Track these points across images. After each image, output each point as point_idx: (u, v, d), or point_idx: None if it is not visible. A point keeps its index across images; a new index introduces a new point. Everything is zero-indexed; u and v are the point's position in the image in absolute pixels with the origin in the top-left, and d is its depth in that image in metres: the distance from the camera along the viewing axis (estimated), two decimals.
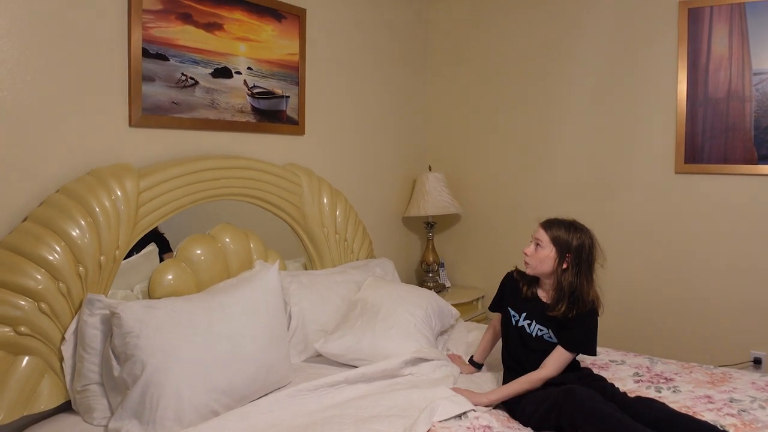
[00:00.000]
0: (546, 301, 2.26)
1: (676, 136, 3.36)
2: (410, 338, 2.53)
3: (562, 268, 2.19)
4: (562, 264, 2.19)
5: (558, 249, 2.19)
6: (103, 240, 2.18)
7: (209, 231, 2.58)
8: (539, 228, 2.25)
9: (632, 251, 3.52)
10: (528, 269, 2.27)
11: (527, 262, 2.25)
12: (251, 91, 2.91)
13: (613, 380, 2.32)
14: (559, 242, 2.19)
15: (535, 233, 2.26)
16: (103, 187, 2.20)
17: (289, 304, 2.64)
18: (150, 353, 1.96)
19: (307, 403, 2.13)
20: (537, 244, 2.22)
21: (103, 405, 2.05)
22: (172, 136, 2.60)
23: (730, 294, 3.26)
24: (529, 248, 2.25)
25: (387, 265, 3.23)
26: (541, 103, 3.78)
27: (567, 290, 2.17)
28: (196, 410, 1.99)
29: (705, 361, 3.19)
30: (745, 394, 2.22)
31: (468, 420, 1.99)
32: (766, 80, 3.14)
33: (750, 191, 3.19)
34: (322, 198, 3.08)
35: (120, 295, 2.35)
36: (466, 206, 4.07)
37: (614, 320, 3.54)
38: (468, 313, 3.76)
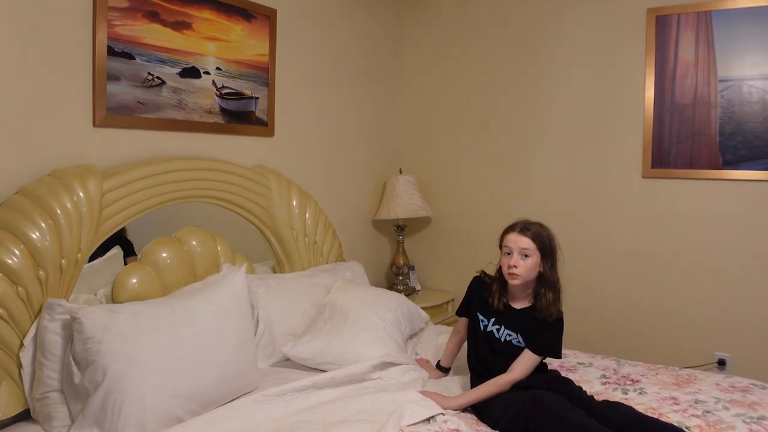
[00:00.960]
0: (518, 307, 2.25)
1: (643, 141, 3.40)
2: (379, 342, 2.52)
3: (548, 268, 2.20)
4: (546, 264, 2.20)
5: (541, 251, 2.19)
6: (65, 243, 2.12)
7: (175, 234, 2.53)
8: (519, 236, 2.18)
9: (600, 255, 3.56)
10: (517, 281, 2.18)
11: (516, 274, 2.16)
12: (220, 92, 2.87)
13: (581, 382, 2.33)
14: (542, 244, 2.19)
15: (515, 243, 2.17)
16: (64, 188, 2.15)
17: (256, 307, 2.61)
18: (112, 359, 1.91)
19: (274, 408, 2.10)
20: (524, 254, 2.18)
21: (64, 413, 1.99)
22: (138, 137, 2.55)
23: (694, 297, 3.31)
24: (515, 260, 2.17)
25: (357, 269, 3.21)
26: (513, 107, 3.80)
27: (554, 287, 2.19)
28: (160, 417, 1.94)
29: (671, 362, 3.22)
30: (709, 395, 2.25)
31: (436, 423, 1.98)
32: (731, 87, 3.20)
33: (715, 196, 3.24)
34: (291, 200, 3.05)
35: (82, 299, 2.29)
36: (436, 209, 4.07)
37: (582, 323, 3.57)
38: (438, 316, 3.76)
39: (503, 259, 2.22)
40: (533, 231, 2.20)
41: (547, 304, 2.19)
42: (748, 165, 3.17)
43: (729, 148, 3.21)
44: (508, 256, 2.20)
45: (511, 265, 2.17)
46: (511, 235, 2.21)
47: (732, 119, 3.19)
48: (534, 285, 2.23)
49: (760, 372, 3.02)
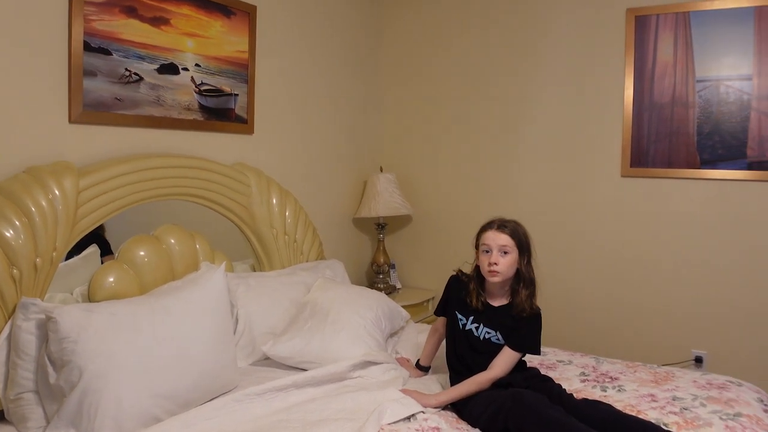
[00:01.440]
0: (496, 305, 2.26)
1: (622, 140, 3.43)
2: (360, 341, 2.51)
3: (525, 264, 2.21)
4: (523, 261, 2.21)
5: (519, 248, 2.20)
6: (39, 241, 2.09)
7: (153, 232, 2.50)
8: (498, 234, 2.19)
9: (579, 253, 3.58)
10: (497, 278, 2.19)
11: (497, 271, 2.17)
12: (199, 89, 2.84)
13: (560, 380, 2.34)
14: (520, 241, 2.21)
15: (494, 240, 2.18)
16: (39, 185, 2.11)
17: (236, 306, 2.59)
18: (88, 359, 1.88)
19: (254, 407, 2.08)
20: (504, 251, 2.19)
21: (39, 414, 1.95)
22: (115, 134, 2.52)
23: (672, 295, 3.34)
24: (495, 257, 2.17)
25: (337, 267, 3.20)
26: (493, 106, 3.81)
27: (530, 282, 2.21)
28: (138, 417, 1.92)
29: (649, 360, 3.26)
30: (687, 393, 2.27)
31: (417, 422, 1.98)
32: (708, 87, 3.23)
33: (692, 195, 3.28)
34: (271, 198, 3.03)
35: (58, 298, 2.26)
36: (417, 207, 4.07)
37: (561, 321, 3.59)
38: (419, 315, 3.76)
39: (482, 257, 2.22)
40: (511, 228, 2.21)
41: (524, 300, 2.20)
42: (726, 164, 3.20)
43: (706, 147, 3.24)
44: (486, 254, 2.20)
45: (492, 262, 2.17)
46: (490, 232, 2.22)
47: (709, 119, 3.23)
48: (511, 282, 2.24)
49: (736, 369, 3.07)
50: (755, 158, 3.14)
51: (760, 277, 3.14)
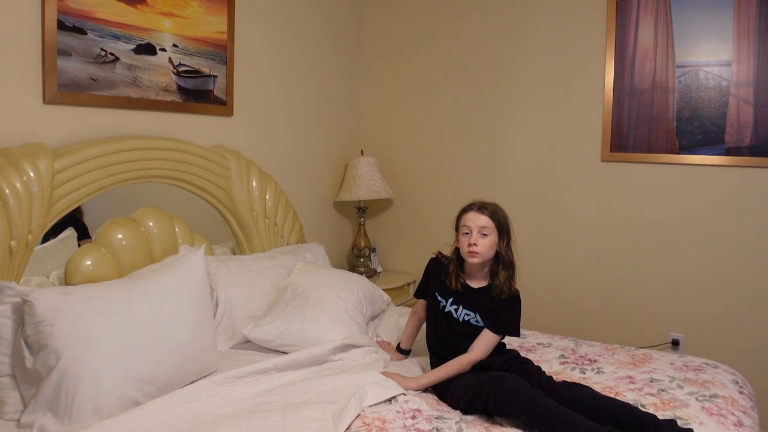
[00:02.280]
0: (476, 287, 2.27)
1: (602, 125, 3.44)
2: (341, 324, 2.50)
3: (504, 246, 2.22)
4: (502, 243, 2.22)
5: (498, 229, 2.21)
6: (14, 224, 2.05)
7: (131, 214, 2.47)
8: (478, 215, 2.20)
9: (559, 237, 3.60)
10: (476, 259, 2.20)
11: (476, 252, 2.18)
12: (177, 70, 2.79)
13: (540, 362, 2.37)
14: (499, 222, 2.22)
15: (474, 222, 2.19)
16: (13, 167, 2.07)
17: (215, 289, 2.57)
18: (65, 342, 1.85)
19: (234, 390, 2.07)
20: (483, 233, 2.20)
21: (15, 398, 1.93)
22: (91, 115, 2.47)
23: (650, 278, 3.38)
24: (474, 238, 2.18)
25: (318, 250, 3.19)
26: (476, 91, 3.80)
27: (509, 265, 2.22)
28: (117, 400, 1.90)
29: (627, 342, 3.30)
30: (664, 374, 2.31)
31: (398, 404, 1.99)
32: (688, 73, 3.25)
33: (671, 180, 3.31)
34: (251, 181, 3.00)
35: (34, 282, 2.22)
36: (398, 191, 4.06)
37: (541, 304, 3.62)
38: (399, 298, 3.77)
39: (462, 239, 2.23)
40: (491, 210, 2.22)
41: (502, 282, 2.21)
42: (704, 150, 3.23)
43: (685, 133, 3.27)
44: (466, 235, 2.21)
45: (471, 243, 2.19)
46: (470, 214, 2.23)
47: (689, 105, 3.25)
48: (491, 264, 2.25)
49: (712, 352, 3.12)
50: (733, 144, 3.17)
51: (736, 262, 3.18)
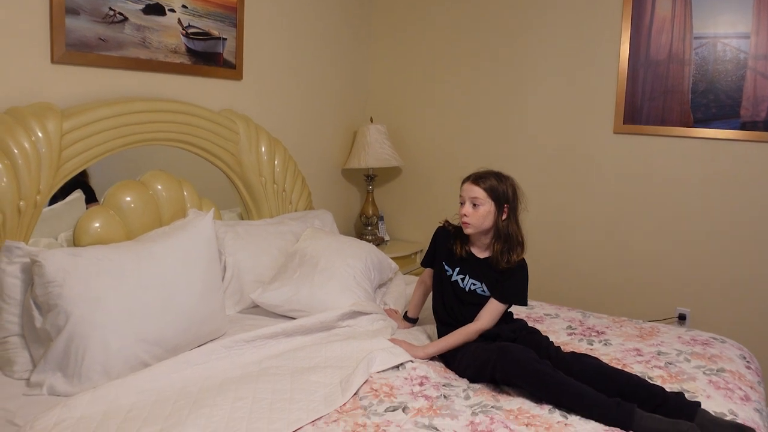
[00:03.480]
0: (481, 256, 2.26)
1: (616, 97, 3.39)
2: (349, 291, 2.50)
3: (502, 219, 2.19)
4: (501, 215, 2.19)
5: (495, 201, 2.18)
6: (23, 184, 2.04)
7: (140, 177, 2.45)
8: (471, 186, 2.19)
9: (568, 208, 3.58)
10: (469, 229, 2.20)
11: (468, 222, 2.18)
12: (186, 31, 2.75)
13: (547, 333, 2.36)
14: (496, 194, 2.18)
15: (467, 192, 2.19)
16: (22, 127, 2.05)
17: (224, 254, 2.56)
18: (74, 303, 1.86)
19: (243, 354, 2.08)
20: (474, 203, 2.18)
21: (25, 358, 1.94)
22: (99, 75, 2.44)
23: (659, 253, 3.36)
24: (465, 209, 2.19)
25: (326, 217, 3.17)
26: (487, 58, 3.74)
27: (511, 239, 2.19)
28: (125, 362, 1.91)
29: (633, 316, 3.29)
30: (671, 348, 2.30)
31: (405, 371, 1.99)
32: (705, 44, 3.19)
33: (684, 153, 3.27)
34: (260, 146, 2.98)
35: (43, 243, 2.22)
36: (407, 159, 4.03)
37: (549, 276, 3.61)
38: (406, 267, 3.77)
39: (459, 209, 2.23)
40: (486, 181, 2.19)
41: (498, 254, 2.20)
42: (718, 124, 3.19)
43: (700, 106, 3.22)
44: (461, 205, 2.21)
45: (462, 213, 2.19)
46: (466, 184, 2.22)
47: (705, 77, 3.20)
48: (492, 235, 2.24)
49: (718, 327, 3.11)
50: (749, 118, 3.12)
51: (746, 238, 3.16)
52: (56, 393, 1.83)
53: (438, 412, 1.76)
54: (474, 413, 1.76)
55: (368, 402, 1.80)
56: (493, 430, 1.67)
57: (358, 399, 1.81)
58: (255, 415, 1.70)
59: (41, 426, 1.61)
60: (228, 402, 1.76)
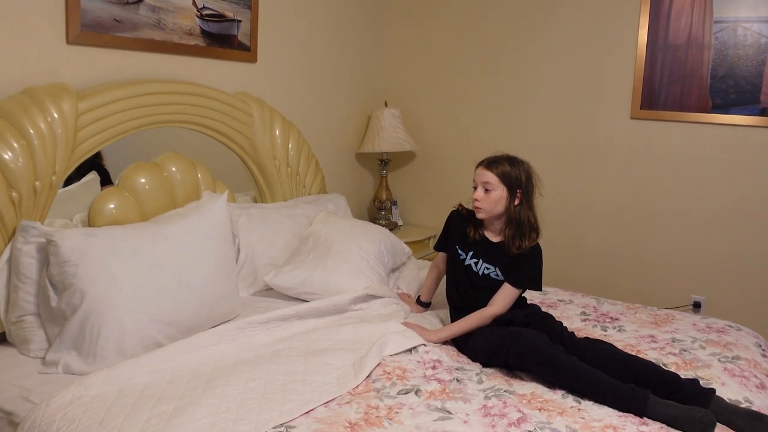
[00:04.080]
0: (495, 240, 2.24)
1: (633, 82, 3.35)
2: (362, 274, 2.50)
3: (515, 205, 2.18)
4: (514, 201, 2.18)
5: (508, 187, 2.17)
6: (39, 164, 2.05)
7: (154, 159, 2.46)
8: (483, 170, 2.18)
9: (585, 194, 3.55)
10: (481, 214, 2.19)
11: (479, 207, 2.18)
12: (200, 13, 2.74)
13: (561, 318, 2.35)
14: (509, 179, 2.16)
15: (479, 177, 2.18)
16: (38, 107, 2.05)
17: (237, 236, 2.57)
18: (89, 282, 1.87)
19: (256, 336, 2.09)
20: (486, 188, 2.17)
21: (40, 336, 1.96)
22: (114, 57, 2.44)
23: (675, 240, 3.33)
24: (478, 193, 2.17)
25: (339, 201, 3.17)
26: (502, 42, 3.70)
27: (523, 224, 2.17)
28: (140, 341, 1.93)
29: (648, 303, 3.27)
30: (686, 335, 2.29)
31: (418, 354, 1.99)
32: (726, 29, 3.13)
33: (702, 139, 3.22)
34: (274, 130, 2.97)
35: (58, 223, 2.23)
36: (421, 144, 4.01)
37: (563, 261, 3.59)
38: (420, 252, 3.76)
39: (472, 193, 2.22)
40: (499, 166, 2.17)
41: (509, 239, 2.18)
42: (738, 110, 3.14)
43: (719, 91, 3.17)
44: (474, 189, 2.20)
45: (474, 198, 2.18)
46: (479, 169, 2.21)
47: (724, 62, 3.14)
48: (506, 220, 2.22)
49: (733, 315, 3.08)
50: None
51: (764, 225, 3.12)
52: (71, 371, 1.85)
53: (451, 396, 1.76)
54: (487, 397, 1.76)
55: (381, 384, 1.80)
56: (506, 413, 1.67)
57: (371, 381, 1.82)
58: (268, 395, 1.71)
59: (57, 403, 1.63)
60: (241, 382, 1.77)
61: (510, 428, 1.60)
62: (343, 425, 1.58)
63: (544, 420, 1.65)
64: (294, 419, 1.60)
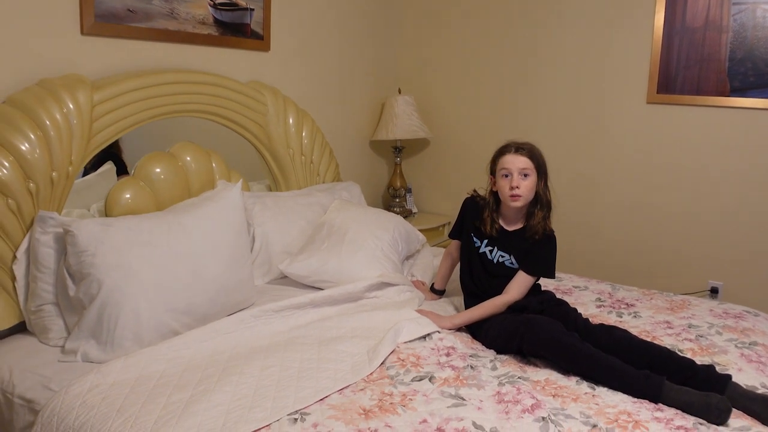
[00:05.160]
0: (510, 229, 2.23)
1: (650, 65, 3.30)
2: (377, 262, 2.51)
3: (542, 186, 2.18)
4: (540, 183, 2.18)
5: (538, 170, 2.17)
6: (55, 155, 2.07)
7: (169, 149, 2.47)
8: (518, 156, 2.13)
9: (600, 180, 3.52)
10: (520, 202, 2.15)
11: (520, 195, 2.13)
12: (213, 2, 2.74)
13: (576, 305, 2.34)
14: (539, 163, 2.17)
15: (514, 164, 2.12)
16: (53, 98, 2.07)
17: (252, 225, 2.58)
18: (106, 272, 1.89)
19: (271, 323, 2.11)
20: (524, 174, 2.14)
21: (59, 325, 2.00)
22: (128, 47, 2.45)
23: (691, 225, 3.30)
24: (516, 181, 2.12)
25: (354, 189, 3.17)
26: (517, 28, 3.67)
27: (549, 205, 2.19)
28: (156, 329, 1.95)
29: (664, 289, 3.25)
30: (703, 321, 2.27)
31: (432, 341, 2.00)
32: (745, 10, 3.08)
33: (720, 123, 3.18)
34: (287, 118, 2.97)
35: (75, 214, 2.26)
36: (435, 131, 4.00)
37: (578, 248, 3.57)
38: (434, 239, 3.76)
39: (502, 182, 2.17)
40: (528, 150, 2.17)
41: (538, 222, 2.18)
42: (756, 93, 3.09)
43: (738, 74, 3.12)
44: (506, 178, 2.15)
45: (513, 186, 2.13)
46: (508, 156, 2.17)
47: (743, 44, 3.09)
48: (528, 205, 2.21)
49: (751, 301, 3.05)
50: None
51: None
52: (90, 360, 1.88)
53: (465, 382, 1.76)
54: (501, 384, 1.76)
55: (395, 372, 1.81)
56: (519, 400, 1.67)
57: (385, 368, 1.83)
58: (283, 383, 1.72)
59: (76, 391, 1.66)
60: (256, 370, 1.78)
61: (524, 414, 1.60)
62: (358, 412, 1.59)
63: (558, 406, 1.65)
64: (309, 406, 1.61)
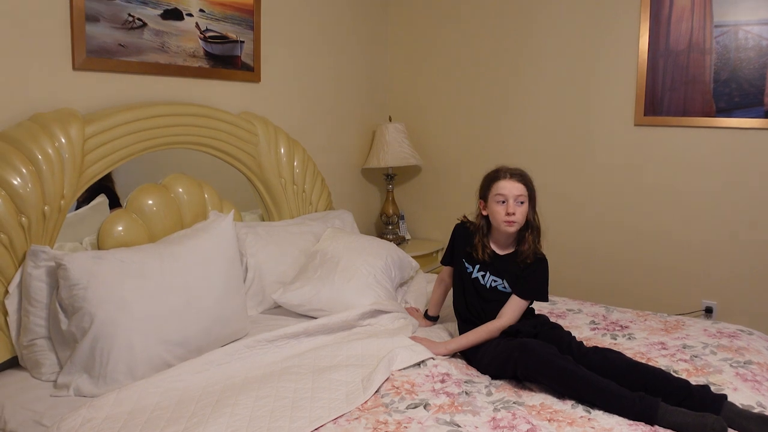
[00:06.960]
0: (501, 253, 2.25)
1: (636, 88, 3.35)
2: (370, 290, 2.51)
3: (531, 211, 2.21)
4: (532, 208, 2.21)
5: (530, 195, 2.20)
6: (47, 189, 2.08)
7: (161, 181, 2.48)
8: (515, 183, 2.16)
9: (590, 203, 3.55)
10: (515, 227, 2.17)
11: (515, 221, 2.15)
12: (204, 35, 2.78)
13: (570, 328, 2.34)
14: (531, 189, 2.21)
15: (511, 191, 2.14)
16: (45, 133, 2.09)
17: (245, 255, 2.58)
18: (98, 305, 1.89)
19: (265, 354, 2.10)
20: (520, 201, 2.16)
21: (52, 360, 1.98)
22: (120, 81, 2.48)
23: (683, 245, 3.32)
24: (512, 207, 2.14)
25: (346, 217, 3.18)
26: (503, 54, 3.72)
27: (537, 229, 2.21)
28: (149, 362, 1.94)
29: (658, 310, 3.25)
30: (697, 341, 2.27)
31: (427, 368, 1.99)
32: (726, 33, 3.13)
33: (707, 144, 3.22)
34: (279, 148, 2.99)
35: (68, 247, 2.26)
36: (426, 158, 4.03)
37: (571, 271, 3.58)
38: (427, 265, 3.76)
39: (497, 208, 2.17)
40: (522, 176, 2.20)
41: (530, 246, 2.20)
42: (741, 113, 3.13)
43: (723, 95, 3.17)
44: (501, 204, 2.17)
45: (510, 212, 2.15)
46: (503, 182, 2.18)
47: (727, 66, 3.14)
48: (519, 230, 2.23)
49: (746, 320, 3.06)
50: None
51: None
52: (82, 394, 1.86)
53: (460, 409, 1.75)
54: (496, 409, 1.76)
55: (389, 399, 1.80)
56: (515, 425, 1.66)
57: (380, 396, 1.82)
58: (277, 413, 1.71)
59: (68, 426, 1.64)
60: (250, 401, 1.77)
61: None
62: None
63: (553, 431, 1.64)
64: None
